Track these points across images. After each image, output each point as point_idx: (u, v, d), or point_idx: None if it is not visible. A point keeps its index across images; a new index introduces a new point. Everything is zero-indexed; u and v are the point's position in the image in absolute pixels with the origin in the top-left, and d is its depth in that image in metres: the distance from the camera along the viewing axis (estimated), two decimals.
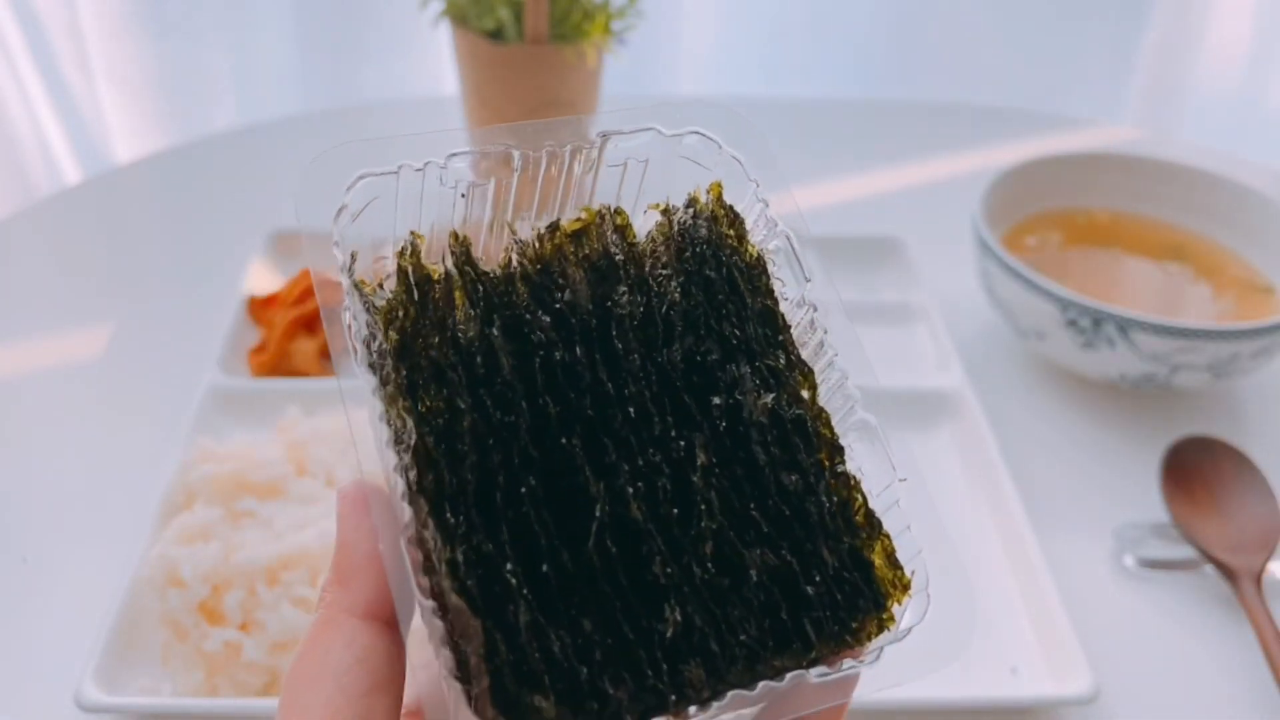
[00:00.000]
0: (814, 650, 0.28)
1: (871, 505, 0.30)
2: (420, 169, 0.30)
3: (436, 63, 1.44)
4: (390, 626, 0.30)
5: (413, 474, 0.27)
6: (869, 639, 0.29)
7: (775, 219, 0.33)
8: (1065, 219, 0.94)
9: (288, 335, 0.82)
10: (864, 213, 1.08)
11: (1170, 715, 0.63)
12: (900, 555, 0.30)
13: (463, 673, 0.25)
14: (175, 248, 1.00)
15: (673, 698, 0.26)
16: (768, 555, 0.28)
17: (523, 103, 0.93)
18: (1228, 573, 0.67)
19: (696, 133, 0.33)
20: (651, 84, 1.51)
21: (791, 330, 0.33)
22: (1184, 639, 0.67)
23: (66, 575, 0.68)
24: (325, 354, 0.83)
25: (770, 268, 0.33)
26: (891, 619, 0.29)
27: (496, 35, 0.91)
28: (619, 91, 1.14)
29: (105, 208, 1.05)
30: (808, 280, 0.33)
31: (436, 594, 0.26)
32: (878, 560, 0.30)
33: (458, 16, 0.92)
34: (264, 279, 0.89)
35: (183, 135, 1.39)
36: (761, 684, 0.27)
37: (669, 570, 0.27)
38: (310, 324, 0.84)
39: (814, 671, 0.28)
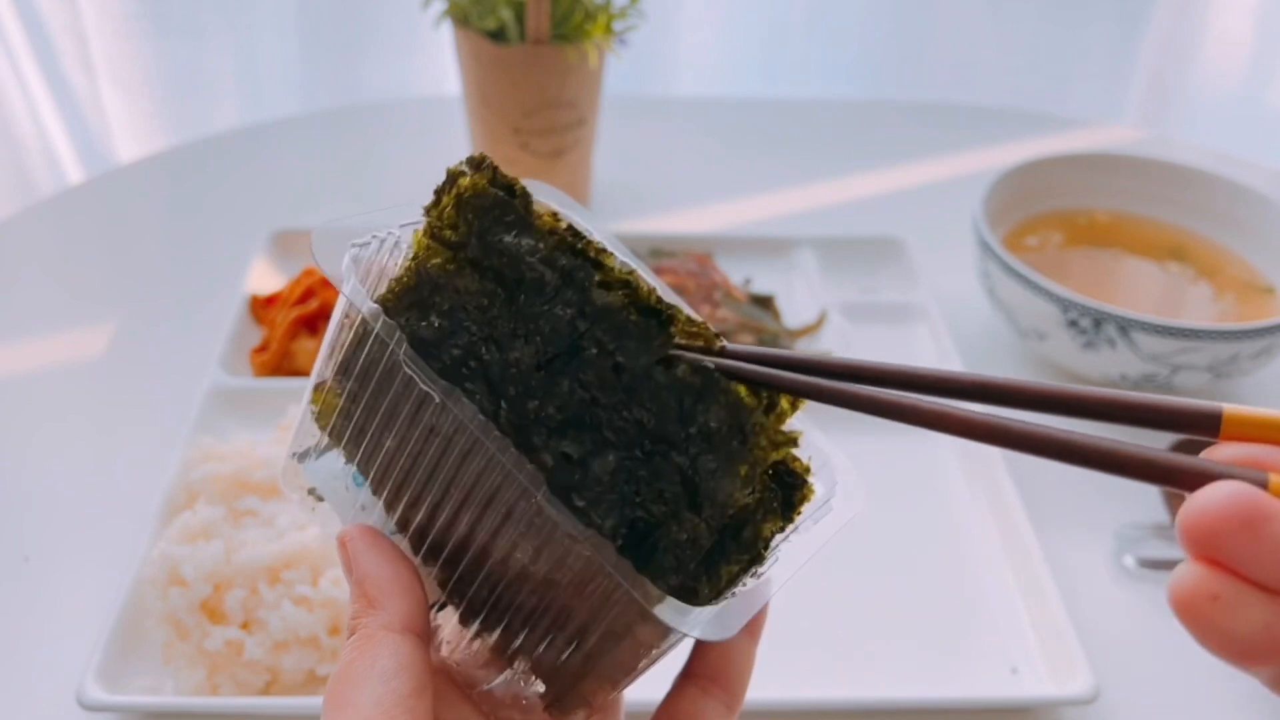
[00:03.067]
0: (787, 520, 0.35)
1: None
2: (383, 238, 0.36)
3: (438, 63, 1.45)
4: (423, 640, 0.33)
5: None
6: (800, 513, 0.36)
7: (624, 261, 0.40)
8: (1066, 219, 0.94)
9: (289, 335, 0.82)
10: (864, 213, 1.08)
11: (1170, 715, 0.63)
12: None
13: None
14: (177, 247, 1.00)
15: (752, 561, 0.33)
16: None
17: (524, 103, 0.93)
18: None
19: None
20: (652, 84, 1.51)
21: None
22: (1184, 639, 0.66)
23: (68, 574, 0.68)
24: None
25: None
26: (812, 490, 0.35)
27: (498, 35, 0.92)
28: (620, 92, 1.14)
29: (107, 207, 1.05)
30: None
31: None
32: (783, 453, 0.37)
33: (459, 17, 0.92)
34: (266, 278, 0.89)
35: (185, 135, 1.39)
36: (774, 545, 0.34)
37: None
38: (312, 323, 0.84)
39: (789, 531, 0.35)
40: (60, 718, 0.58)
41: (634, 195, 1.08)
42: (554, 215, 0.34)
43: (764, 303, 0.89)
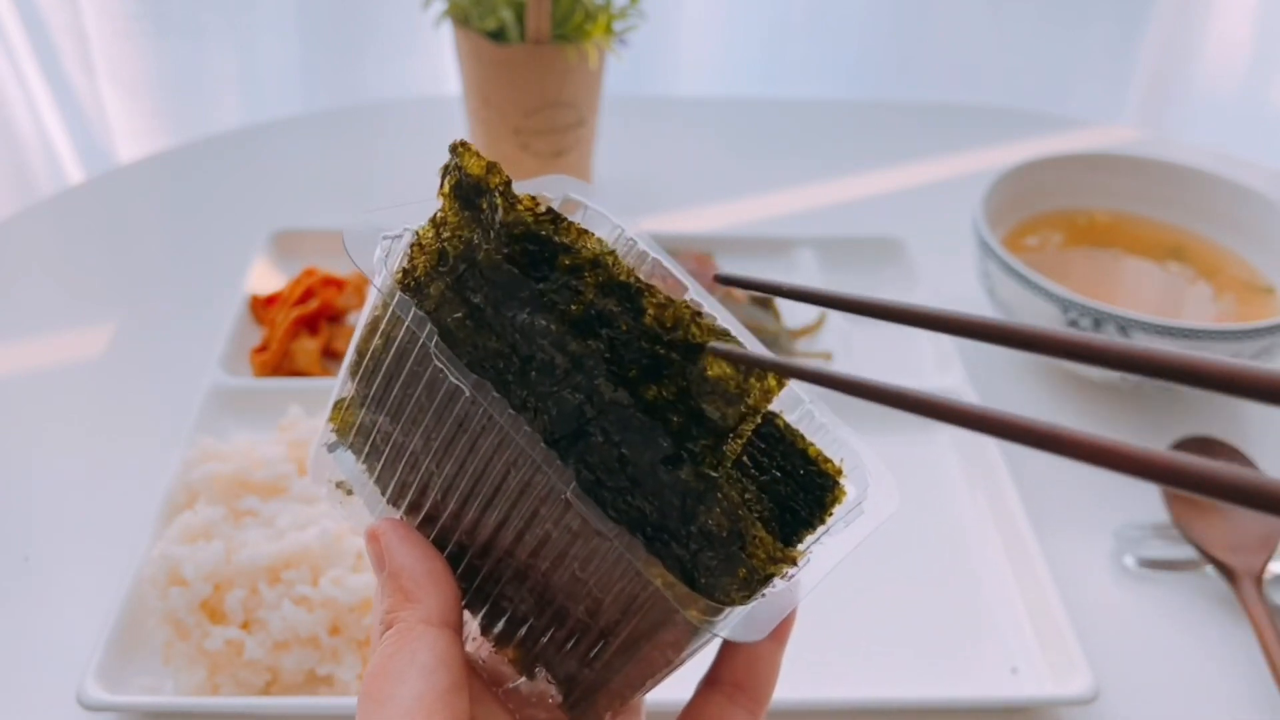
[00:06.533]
0: (819, 521, 0.35)
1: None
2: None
3: (438, 63, 1.45)
4: (459, 634, 0.33)
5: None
6: (831, 514, 0.36)
7: (645, 250, 0.38)
8: (1066, 219, 0.94)
9: (290, 335, 0.82)
10: (864, 213, 1.08)
11: (1170, 715, 0.63)
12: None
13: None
14: (178, 247, 1.00)
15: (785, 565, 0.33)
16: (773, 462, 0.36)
17: (524, 103, 0.93)
18: (1228, 573, 0.68)
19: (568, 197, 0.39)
20: (652, 84, 1.51)
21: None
22: (1184, 639, 0.67)
23: (68, 574, 0.68)
24: (327, 353, 0.83)
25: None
26: (844, 492, 0.36)
27: (498, 36, 0.92)
28: (620, 92, 1.14)
29: (108, 207, 1.05)
30: (686, 287, 0.38)
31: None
32: (815, 453, 0.37)
33: (460, 17, 0.92)
34: (266, 278, 0.89)
35: (185, 135, 1.39)
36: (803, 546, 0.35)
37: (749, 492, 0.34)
38: (312, 323, 0.84)
39: (820, 533, 0.35)
40: (60, 718, 0.58)
41: (634, 196, 1.08)
42: (532, 199, 0.34)
43: (764, 303, 0.89)
